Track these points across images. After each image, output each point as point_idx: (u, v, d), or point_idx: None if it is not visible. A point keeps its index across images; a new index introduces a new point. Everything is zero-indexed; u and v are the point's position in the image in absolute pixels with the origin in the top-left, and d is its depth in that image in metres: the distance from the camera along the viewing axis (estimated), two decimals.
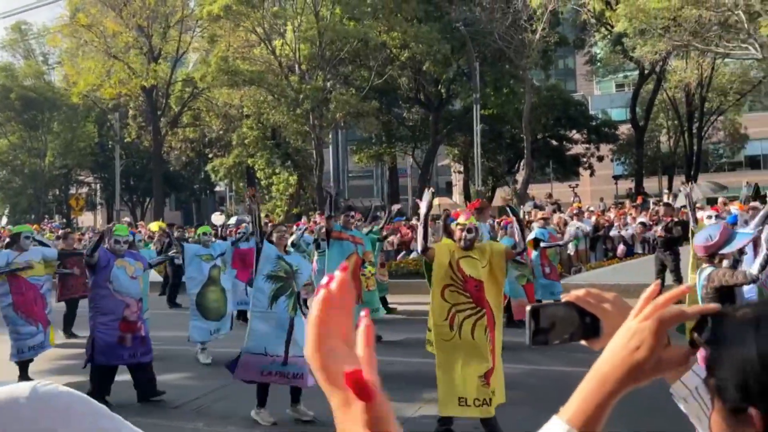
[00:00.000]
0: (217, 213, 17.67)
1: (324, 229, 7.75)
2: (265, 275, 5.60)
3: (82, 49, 27.74)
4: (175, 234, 12.45)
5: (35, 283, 7.31)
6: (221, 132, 30.01)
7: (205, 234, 8.76)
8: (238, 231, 11.59)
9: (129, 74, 26.79)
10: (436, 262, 4.88)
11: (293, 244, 11.25)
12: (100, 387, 6.02)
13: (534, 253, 9.88)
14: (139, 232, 20.64)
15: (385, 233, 11.35)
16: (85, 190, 40.68)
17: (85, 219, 39.62)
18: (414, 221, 18.04)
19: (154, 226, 22.44)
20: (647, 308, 0.84)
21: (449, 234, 5.21)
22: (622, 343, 0.84)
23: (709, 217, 7.96)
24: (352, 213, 8.01)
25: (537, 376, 6.86)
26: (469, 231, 4.91)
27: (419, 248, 5.02)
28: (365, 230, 9.39)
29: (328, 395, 0.75)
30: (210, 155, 34.27)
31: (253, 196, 6.67)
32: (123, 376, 6.71)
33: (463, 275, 4.83)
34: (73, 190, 38.28)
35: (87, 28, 26.55)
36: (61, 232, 12.92)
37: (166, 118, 29.16)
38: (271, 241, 5.78)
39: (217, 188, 43.50)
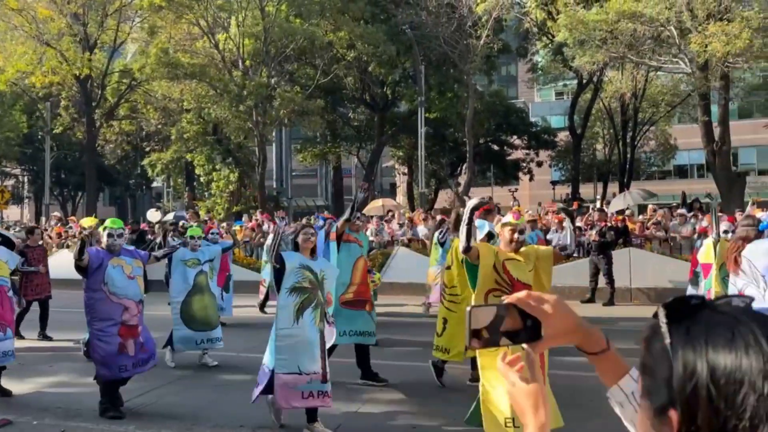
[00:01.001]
0: (153, 209, 17.13)
1: (332, 231, 6.95)
2: (288, 288, 5.01)
3: (11, 33, 26.35)
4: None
5: (2, 285, 6.40)
6: (159, 126, 29.14)
7: (193, 237, 7.83)
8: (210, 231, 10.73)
9: (61, 62, 25.62)
10: (480, 264, 4.47)
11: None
12: (111, 398, 5.59)
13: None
14: (70, 227, 19.84)
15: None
16: (11, 182, 38.70)
17: (11, 213, 37.68)
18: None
19: (87, 221, 21.57)
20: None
21: (467, 234, 5.15)
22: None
23: (726, 231, 7.62)
24: (358, 214, 7.36)
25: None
26: (521, 232, 4.56)
27: (461, 248, 4.57)
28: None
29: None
30: (147, 149, 33.22)
31: (366, 188, 6.21)
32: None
33: (510, 278, 4.45)
34: None
35: (17, 12, 25.25)
36: (27, 226, 11.99)
37: (101, 109, 28.06)
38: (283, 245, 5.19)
39: (154, 184, 42.22)
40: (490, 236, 7.69)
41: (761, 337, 0.69)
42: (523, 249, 4.65)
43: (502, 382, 0.91)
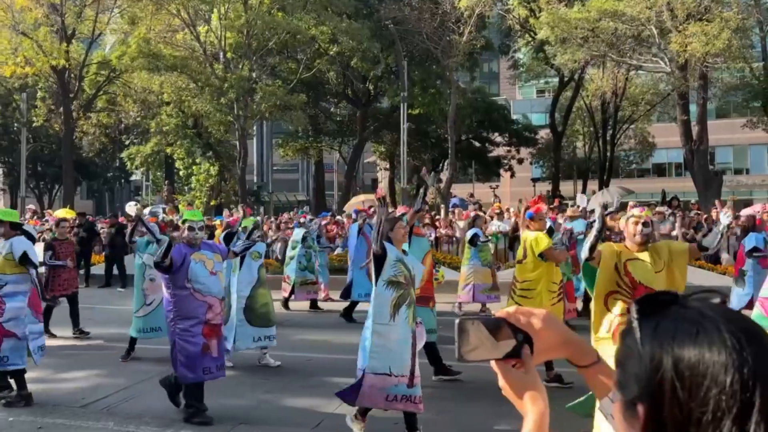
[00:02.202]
0: (132, 203, 16.89)
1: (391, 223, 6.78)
2: (386, 281, 4.70)
3: None
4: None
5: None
6: (139, 118, 28.73)
7: (256, 228, 7.32)
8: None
9: (38, 52, 25.12)
10: (601, 266, 4.18)
11: (303, 239, 10.79)
12: (198, 402, 5.30)
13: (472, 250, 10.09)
14: (46, 221, 19.50)
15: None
16: None
17: None
18: (340, 217, 17.97)
19: (62, 212, 21.25)
20: None
21: (526, 227, 4.98)
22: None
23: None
24: (426, 206, 7.01)
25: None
26: (645, 225, 4.22)
27: (584, 255, 4.20)
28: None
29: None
30: (126, 142, 32.76)
31: (425, 174, 5.94)
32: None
33: (631, 281, 4.15)
34: None
35: None
36: (54, 219, 11.38)
37: (79, 101, 27.57)
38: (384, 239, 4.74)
39: (133, 177, 41.74)
40: (551, 231, 7.54)
41: (726, 332, 0.71)
42: (653, 245, 4.32)
43: None
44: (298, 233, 11.03)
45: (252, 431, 5.16)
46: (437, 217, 17.98)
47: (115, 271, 14.44)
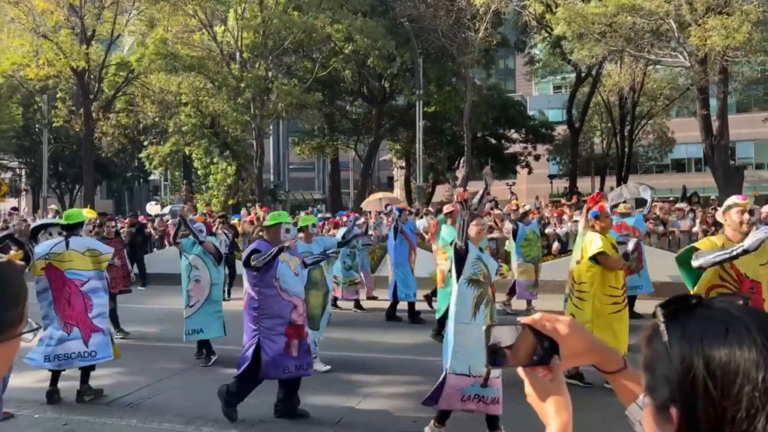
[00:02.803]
0: (152, 203, 17.08)
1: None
2: (467, 279, 4.64)
3: (7, 26, 26.16)
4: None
5: (74, 279, 6.02)
6: (157, 119, 29.02)
7: (314, 226, 7.20)
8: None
9: (58, 55, 25.49)
10: None
11: (343, 238, 10.74)
12: (241, 394, 5.34)
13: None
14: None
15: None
16: (8, 175, 38.56)
17: (9, 205, 37.59)
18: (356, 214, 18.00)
19: (84, 212, 21.49)
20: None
21: (591, 227, 4.84)
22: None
23: None
24: (486, 203, 6.70)
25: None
26: (750, 213, 4.11)
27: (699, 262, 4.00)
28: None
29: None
30: (145, 142, 33.13)
31: (488, 173, 5.82)
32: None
33: (737, 273, 4.00)
34: None
35: (13, 4, 25.07)
36: (97, 219, 11.41)
37: (99, 102, 27.93)
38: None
39: (152, 177, 42.17)
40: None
41: (754, 330, 0.72)
42: None
43: None
44: (340, 233, 10.92)
45: (272, 428, 5.21)
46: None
47: (135, 270, 14.61)
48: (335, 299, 10.62)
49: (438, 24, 22.39)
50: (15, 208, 21.55)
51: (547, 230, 15.40)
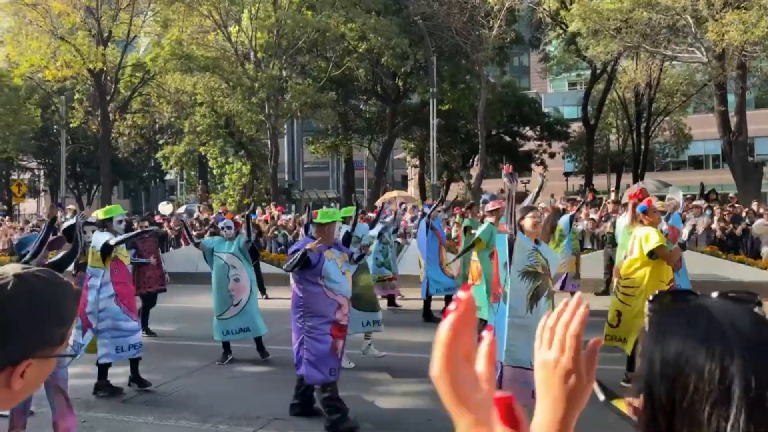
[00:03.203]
0: (164, 203, 17.26)
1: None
2: (521, 272, 4.52)
3: (25, 28, 26.50)
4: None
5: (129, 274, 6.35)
6: (172, 119, 29.26)
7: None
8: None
9: (75, 56, 25.79)
10: None
11: (380, 234, 10.16)
12: (334, 403, 5.13)
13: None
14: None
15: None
16: (27, 176, 39.06)
17: (28, 206, 38.09)
18: (370, 214, 18.01)
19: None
20: (563, 338, 0.80)
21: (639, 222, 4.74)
22: (549, 377, 0.81)
23: None
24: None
25: None
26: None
27: None
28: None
29: (456, 416, 0.72)
30: (160, 142, 33.40)
31: (510, 173, 5.83)
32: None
33: None
34: (15, 176, 36.70)
35: (31, 6, 25.38)
36: (135, 218, 11.39)
37: (115, 103, 28.22)
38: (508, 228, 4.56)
39: (168, 176, 42.50)
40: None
41: (714, 324, 0.74)
42: None
43: None
44: (374, 229, 10.63)
45: (286, 426, 5.24)
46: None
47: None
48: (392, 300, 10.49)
49: (452, 22, 22.33)
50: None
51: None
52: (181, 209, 16.13)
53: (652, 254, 5.70)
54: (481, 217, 12.59)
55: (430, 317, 9.49)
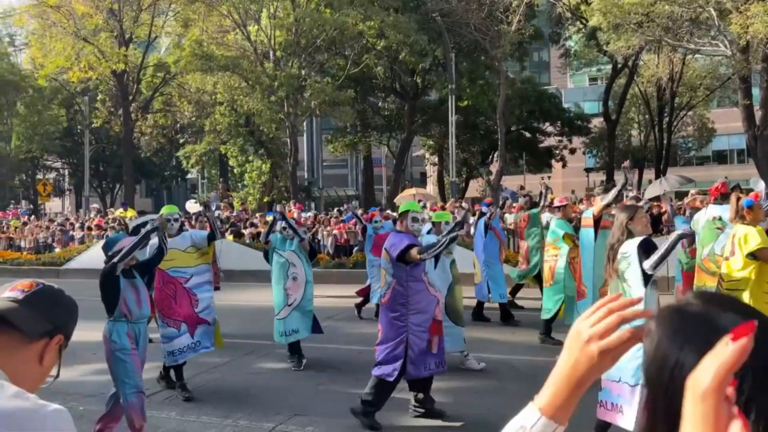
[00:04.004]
0: (191, 201, 17.43)
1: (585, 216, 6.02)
2: (654, 279, 4.34)
3: (49, 30, 26.97)
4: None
5: (178, 277, 6.15)
6: (193, 118, 29.56)
7: (447, 223, 6.70)
8: (373, 218, 10.32)
9: (98, 57, 26.18)
10: None
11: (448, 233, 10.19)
12: (380, 400, 5.11)
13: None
14: (109, 219, 20.29)
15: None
16: (53, 175, 39.76)
17: (53, 205, 38.79)
18: (389, 212, 18.03)
19: (126, 212, 22.10)
20: (599, 325, 0.86)
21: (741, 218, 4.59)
22: (575, 349, 0.87)
23: None
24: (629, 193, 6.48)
25: (507, 365, 6.94)
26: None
27: None
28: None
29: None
30: (182, 142, 33.75)
31: (627, 167, 5.49)
32: (92, 365, 6.63)
33: None
34: (40, 176, 37.39)
35: (55, 8, 25.81)
36: (194, 213, 11.19)
37: (137, 103, 28.60)
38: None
39: (189, 175, 42.94)
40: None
41: (701, 318, 0.76)
42: None
43: None
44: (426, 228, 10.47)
45: (307, 422, 5.29)
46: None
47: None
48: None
49: (470, 18, 22.22)
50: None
51: None
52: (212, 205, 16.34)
53: (752, 256, 5.21)
54: (502, 213, 12.43)
55: (480, 317, 9.19)
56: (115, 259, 4.68)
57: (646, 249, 4.17)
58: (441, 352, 5.17)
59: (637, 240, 4.26)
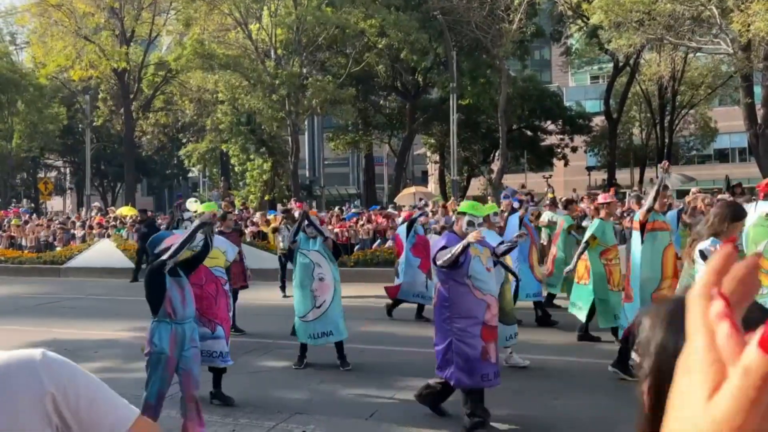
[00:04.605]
0: (192, 199, 17.40)
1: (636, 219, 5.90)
2: None
3: (51, 29, 26.99)
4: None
5: (219, 276, 5.93)
6: (195, 117, 29.57)
7: (496, 214, 6.40)
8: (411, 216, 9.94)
9: (100, 56, 26.20)
10: None
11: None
12: (478, 407, 4.83)
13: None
14: (110, 218, 20.33)
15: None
16: (54, 174, 39.80)
17: (55, 204, 38.83)
18: (390, 209, 18.05)
19: (124, 210, 22.12)
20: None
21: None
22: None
23: None
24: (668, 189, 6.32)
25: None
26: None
27: None
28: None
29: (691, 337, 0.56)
30: (183, 140, 33.76)
31: (666, 169, 5.39)
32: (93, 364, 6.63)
33: None
34: (41, 174, 37.42)
35: (56, 7, 25.83)
36: (221, 209, 11.02)
37: (138, 101, 28.62)
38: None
39: (190, 174, 42.97)
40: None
41: (665, 312, 0.78)
42: None
43: None
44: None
45: (307, 421, 5.29)
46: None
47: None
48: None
49: (471, 16, 22.19)
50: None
51: (585, 223, 15.15)
52: (203, 206, 16.29)
53: None
54: (535, 211, 12.19)
55: (546, 319, 8.91)
56: (165, 257, 4.48)
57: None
58: (495, 361, 4.91)
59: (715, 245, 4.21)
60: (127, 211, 21.26)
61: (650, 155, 31.91)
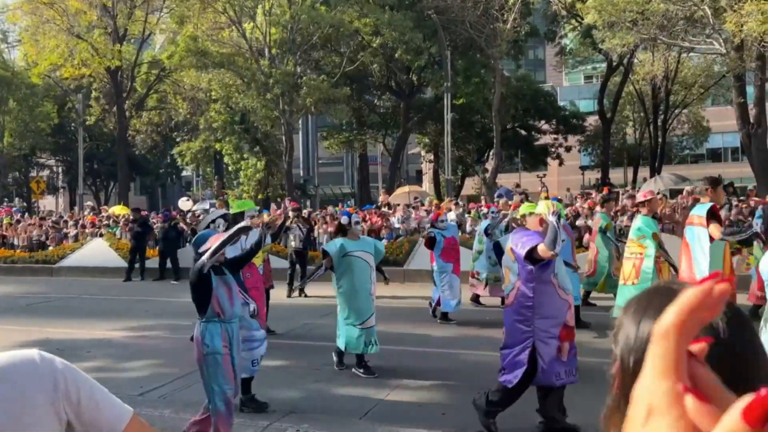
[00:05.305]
0: (184, 198, 17.32)
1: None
2: None
3: (43, 27, 26.82)
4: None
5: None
6: (188, 116, 29.47)
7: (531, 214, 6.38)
8: (438, 218, 9.50)
9: (92, 54, 26.06)
10: None
11: (487, 232, 9.50)
12: (504, 404, 4.81)
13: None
14: (104, 217, 20.23)
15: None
16: (46, 173, 39.57)
17: (47, 203, 38.62)
18: (384, 209, 18.03)
19: (117, 209, 22.02)
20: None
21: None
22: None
23: None
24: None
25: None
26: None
27: None
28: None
29: (656, 381, 0.55)
30: (176, 139, 33.64)
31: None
32: (89, 362, 6.60)
33: None
34: (34, 173, 37.20)
35: (49, 5, 25.69)
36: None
37: (131, 100, 28.49)
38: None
39: (184, 173, 42.84)
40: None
41: (642, 303, 0.79)
42: None
43: None
44: (482, 225, 9.95)
45: (302, 419, 5.27)
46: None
47: (169, 265, 14.91)
48: (476, 296, 9.97)
49: (466, 15, 22.21)
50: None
51: (578, 222, 15.20)
52: (197, 206, 16.17)
53: None
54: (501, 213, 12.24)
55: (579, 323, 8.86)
56: (204, 257, 4.37)
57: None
58: (572, 359, 4.78)
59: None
60: (119, 210, 21.16)
61: (644, 155, 32.03)
